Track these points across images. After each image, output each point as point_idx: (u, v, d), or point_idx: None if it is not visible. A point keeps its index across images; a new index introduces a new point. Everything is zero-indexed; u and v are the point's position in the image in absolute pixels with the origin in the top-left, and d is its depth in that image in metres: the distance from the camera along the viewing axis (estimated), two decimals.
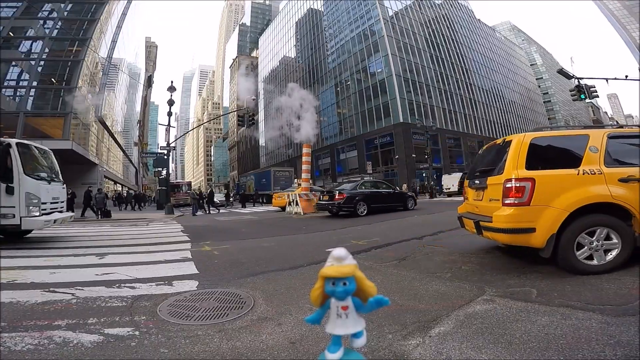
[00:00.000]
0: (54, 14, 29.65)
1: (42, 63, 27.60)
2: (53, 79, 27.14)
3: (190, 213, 18.14)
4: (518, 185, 3.33)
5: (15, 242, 6.71)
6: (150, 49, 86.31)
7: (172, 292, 3.26)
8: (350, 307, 1.09)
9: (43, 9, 28.83)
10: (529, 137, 3.62)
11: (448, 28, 52.68)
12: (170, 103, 19.92)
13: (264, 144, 75.03)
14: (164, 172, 21.59)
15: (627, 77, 17.02)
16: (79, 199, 16.55)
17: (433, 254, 4.71)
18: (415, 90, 41.13)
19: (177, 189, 31.05)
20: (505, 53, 69.96)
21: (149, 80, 70.40)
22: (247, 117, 20.34)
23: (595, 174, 3.30)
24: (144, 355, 1.96)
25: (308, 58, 58.57)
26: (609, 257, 3.23)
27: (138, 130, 62.11)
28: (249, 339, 2.15)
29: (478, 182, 4.28)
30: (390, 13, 43.64)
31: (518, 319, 2.28)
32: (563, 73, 16.60)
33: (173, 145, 21.06)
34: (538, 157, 3.48)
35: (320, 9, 57.02)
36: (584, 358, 1.75)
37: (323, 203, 12.69)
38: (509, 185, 3.39)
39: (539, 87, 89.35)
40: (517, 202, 3.32)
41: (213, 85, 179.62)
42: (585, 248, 3.23)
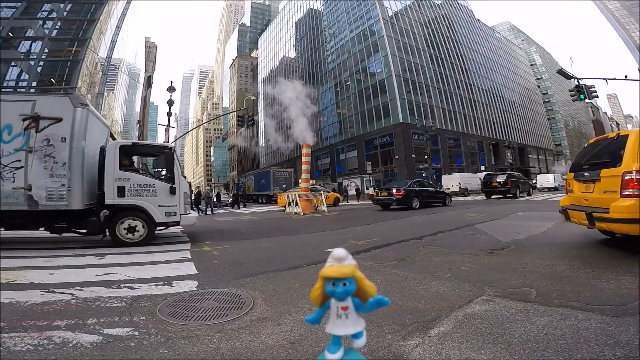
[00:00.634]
0: (54, 14, 29.63)
1: (41, 63, 27.57)
2: (52, 79, 27.12)
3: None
4: (639, 177, 3.47)
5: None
6: (150, 49, 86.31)
7: (171, 292, 3.26)
8: (350, 307, 1.09)
9: (42, 9, 28.81)
10: None
11: (448, 28, 52.76)
12: (170, 103, 19.92)
13: (263, 144, 75.06)
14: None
15: (626, 77, 17.03)
16: None
17: (432, 254, 4.71)
18: (415, 91, 41.17)
19: None
20: (505, 53, 70.04)
21: (149, 81, 70.32)
22: (246, 117, 20.34)
23: None
24: (144, 356, 1.96)
25: (308, 58, 58.62)
26: None
27: (138, 131, 62.07)
28: (249, 340, 2.15)
29: (588, 174, 4.37)
30: (390, 13, 43.68)
31: (517, 319, 2.28)
32: (563, 73, 16.61)
33: (173, 146, 21.02)
34: None
35: (320, 9, 57.08)
36: (583, 358, 1.75)
37: (382, 198, 14.47)
38: (629, 177, 3.53)
39: (539, 87, 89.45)
40: (637, 193, 3.46)
41: (213, 86, 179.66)
42: None
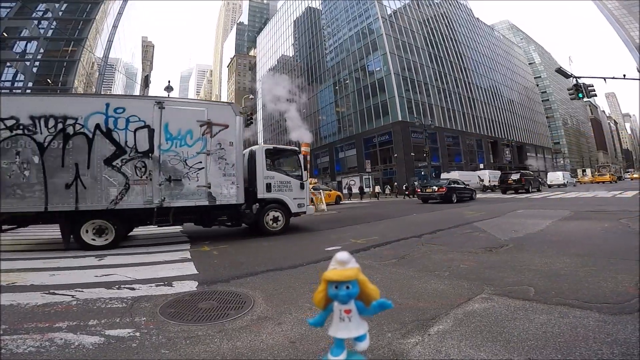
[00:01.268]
0: (49, 14, 29.45)
1: (37, 63, 27.41)
2: (49, 80, 26.97)
3: None
4: None
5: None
6: (147, 49, 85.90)
7: (172, 292, 3.26)
8: (353, 310, 1.09)
9: (38, 9, 28.61)
10: None
11: (447, 27, 52.72)
12: None
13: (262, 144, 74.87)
14: None
15: (625, 76, 17.07)
16: None
17: (432, 253, 4.73)
18: (414, 89, 41.17)
19: None
20: (504, 52, 70.05)
21: (146, 80, 70.06)
22: (245, 116, 20.29)
23: None
24: (145, 356, 1.97)
25: (306, 57, 58.50)
26: None
27: None
28: (249, 339, 2.16)
29: None
30: (389, 11, 43.62)
31: (516, 317, 2.30)
32: (561, 72, 16.62)
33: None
34: None
35: (319, 8, 56.92)
36: (582, 356, 1.77)
37: (427, 194, 17.51)
38: None
39: (537, 85, 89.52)
40: None
41: (211, 85, 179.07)
42: None
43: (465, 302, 2.67)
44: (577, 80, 15.59)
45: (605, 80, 16.60)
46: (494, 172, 34.56)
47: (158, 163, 6.23)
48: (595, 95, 15.76)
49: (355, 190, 32.20)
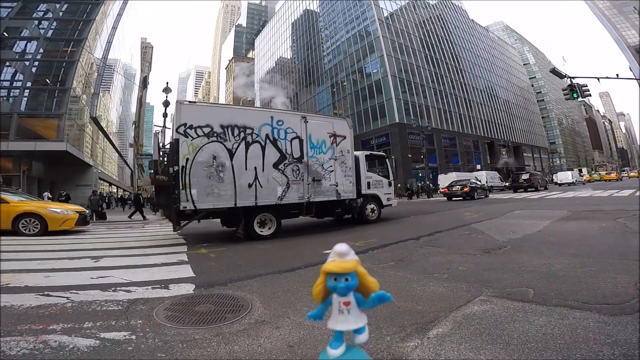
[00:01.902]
0: (49, 15, 29.32)
1: (36, 63, 27.26)
2: (47, 80, 26.81)
3: None
4: None
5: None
6: (146, 50, 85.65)
7: (168, 295, 3.23)
8: (352, 303, 1.08)
9: (38, 9, 28.46)
10: None
11: (442, 28, 53.01)
12: (166, 104, 19.77)
13: None
14: None
15: (618, 75, 17.23)
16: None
17: (430, 255, 4.71)
18: (411, 91, 41.31)
19: None
20: (499, 53, 70.49)
21: (145, 81, 69.88)
22: None
23: None
24: None
25: (304, 59, 58.59)
26: None
27: (134, 132, 61.57)
28: (247, 343, 2.14)
29: None
30: (386, 14, 43.81)
31: (515, 319, 2.29)
32: (556, 72, 16.72)
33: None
34: None
35: (316, 10, 57.08)
36: (582, 358, 1.75)
37: (452, 192, 19.74)
38: None
39: (532, 86, 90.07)
40: None
41: (209, 86, 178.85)
42: None
43: (464, 304, 2.65)
44: (571, 81, 15.70)
45: (599, 80, 16.74)
46: (491, 172, 34.56)
47: (306, 167, 7.80)
48: (590, 95, 15.88)
49: None
